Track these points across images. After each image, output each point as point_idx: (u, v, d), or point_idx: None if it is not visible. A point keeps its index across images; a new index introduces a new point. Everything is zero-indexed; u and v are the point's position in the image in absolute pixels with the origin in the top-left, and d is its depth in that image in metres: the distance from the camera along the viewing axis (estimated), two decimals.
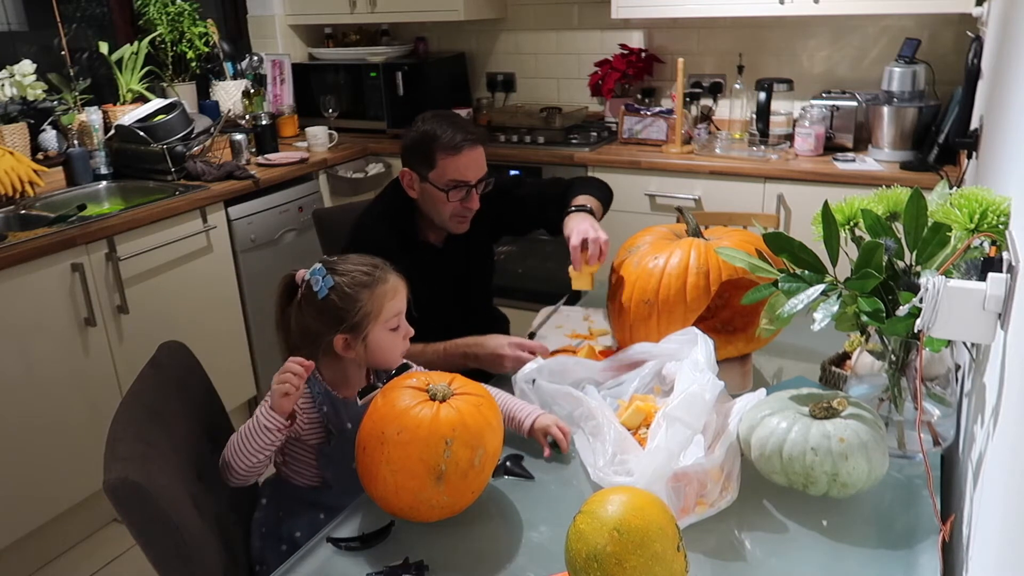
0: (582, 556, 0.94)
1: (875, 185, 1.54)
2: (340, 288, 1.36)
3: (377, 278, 1.39)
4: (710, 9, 2.96)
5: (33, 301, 2.28)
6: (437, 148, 1.77)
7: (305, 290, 1.40)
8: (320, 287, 1.36)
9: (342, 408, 1.40)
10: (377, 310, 1.37)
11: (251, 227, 2.96)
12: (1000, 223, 1.04)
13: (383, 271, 1.41)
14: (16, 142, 2.79)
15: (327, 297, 1.36)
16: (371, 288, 1.38)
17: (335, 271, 1.38)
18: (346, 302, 1.36)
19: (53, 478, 2.37)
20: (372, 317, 1.37)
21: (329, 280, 1.37)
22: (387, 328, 1.39)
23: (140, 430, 1.25)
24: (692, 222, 1.64)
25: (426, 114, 1.84)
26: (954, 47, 2.89)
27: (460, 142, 1.77)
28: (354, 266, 1.40)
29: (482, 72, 3.86)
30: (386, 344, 1.40)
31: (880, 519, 1.19)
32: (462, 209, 1.83)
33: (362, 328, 1.37)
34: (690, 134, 3.19)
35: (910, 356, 1.23)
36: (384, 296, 1.39)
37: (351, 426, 1.39)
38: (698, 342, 1.39)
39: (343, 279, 1.37)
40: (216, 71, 3.56)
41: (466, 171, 1.79)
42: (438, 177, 1.79)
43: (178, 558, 1.16)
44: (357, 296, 1.36)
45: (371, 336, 1.38)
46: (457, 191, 1.80)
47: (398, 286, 1.42)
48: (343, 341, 1.37)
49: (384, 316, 1.38)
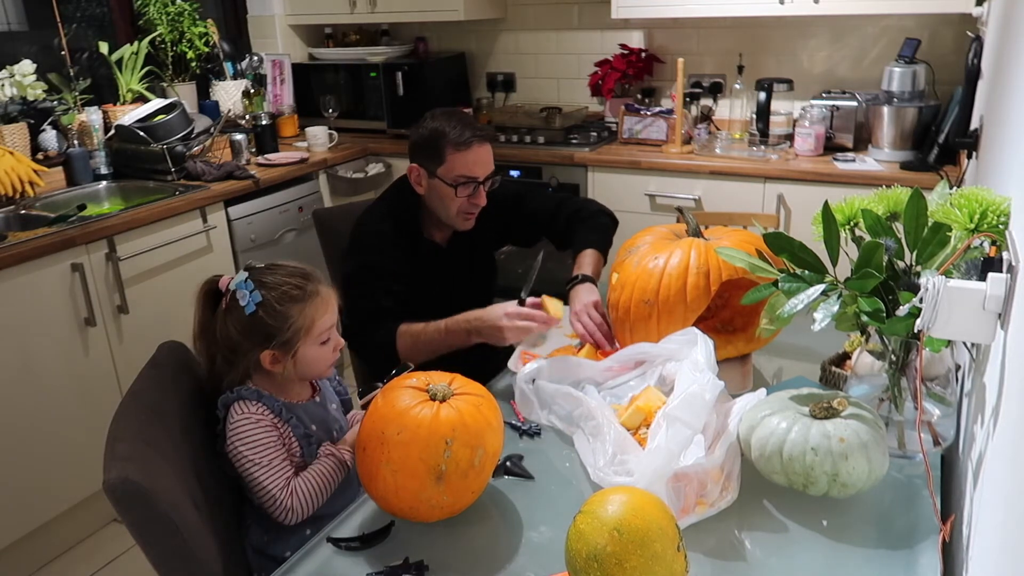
0: (582, 556, 0.94)
1: (875, 185, 1.53)
2: (269, 304, 1.30)
3: (309, 292, 1.33)
4: (710, 9, 2.96)
5: (33, 301, 2.28)
6: (446, 144, 1.78)
7: (230, 301, 1.33)
8: (247, 302, 1.30)
9: (302, 412, 1.39)
10: (308, 326, 1.33)
11: (251, 227, 2.97)
12: (1000, 223, 1.04)
13: (314, 283, 1.35)
14: (16, 142, 2.80)
15: (255, 313, 1.30)
16: (302, 303, 1.32)
17: (263, 284, 1.32)
18: (276, 319, 1.30)
19: (53, 478, 2.37)
20: (303, 333, 1.32)
21: (257, 295, 1.30)
22: (318, 343, 1.35)
23: (140, 430, 1.25)
24: (692, 222, 1.64)
25: (435, 111, 1.85)
26: (954, 47, 2.89)
27: (469, 138, 1.78)
28: (284, 278, 1.33)
29: (482, 72, 3.86)
30: (316, 358, 1.36)
31: (880, 519, 1.19)
32: (469, 205, 1.84)
33: (292, 345, 1.32)
34: (690, 134, 3.19)
35: (910, 356, 1.23)
36: (316, 311, 1.33)
37: (315, 427, 1.40)
38: (698, 342, 1.39)
39: (272, 294, 1.31)
40: (216, 71, 3.56)
41: (474, 167, 1.81)
42: (446, 172, 1.80)
43: (178, 558, 1.15)
44: (287, 312, 1.31)
45: (300, 352, 1.34)
46: (465, 187, 1.81)
47: (330, 299, 1.37)
48: (271, 357, 1.33)
49: (316, 331, 1.34)
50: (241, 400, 1.34)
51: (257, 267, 1.36)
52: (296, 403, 1.39)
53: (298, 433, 1.37)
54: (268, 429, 1.33)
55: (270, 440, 1.33)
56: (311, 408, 1.40)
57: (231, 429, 1.32)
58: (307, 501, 1.32)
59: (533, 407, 1.48)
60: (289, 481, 1.32)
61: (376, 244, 1.86)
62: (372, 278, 1.80)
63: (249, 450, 1.31)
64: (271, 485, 1.31)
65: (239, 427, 1.32)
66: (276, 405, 1.35)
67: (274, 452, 1.33)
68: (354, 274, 1.83)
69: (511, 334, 1.62)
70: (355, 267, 1.85)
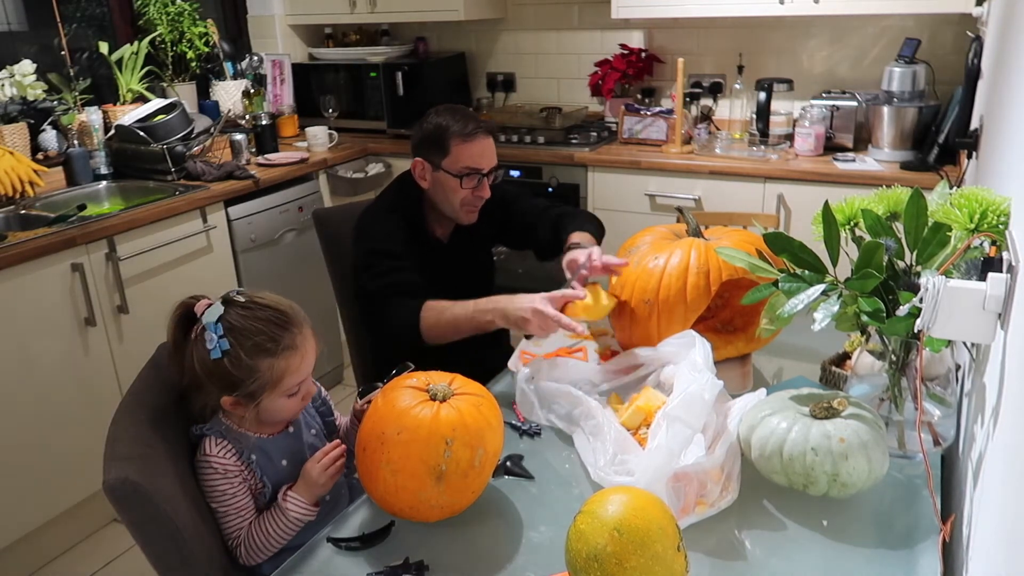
0: (582, 556, 0.94)
1: (875, 185, 1.53)
2: (236, 354, 1.21)
3: (283, 346, 1.23)
4: (710, 9, 2.96)
5: (33, 301, 2.28)
6: (451, 136, 1.80)
7: (199, 334, 1.24)
8: (214, 347, 1.20)
9: (270, 447, 1.33)
10: (276, 380, 1.24)
11: (251, 227, 2.97)
12: (1000, 223, 1.04)
13: (291, 334, 1.25)
14: (16, 142, 2.79)
15: (219, 360, 1.21)
16: (272, 357, 1.23)
17: (233, 329, 1.22)
18: (241, 370, 1.22)
19: (53, 478, 2.37)
20: (270, 387, 1.24)
21: (224, 343, 1.21)
22: (285, 395, 1.27)
23: (140, 430, 1.25)
24: (692, 222, 1.64)
25: (438, 107, 1.88)
26: (954, 47, 2.89)
27: (474, 129, 1.81)
28: (259, 324, 1.23)
29: (482, 72, 3.86)
30: (281, 409, 1.29)
31: (880, 519, 1.19)
32: (473, 198, 1.86)
33: (257, 396, 1.25)
34: (690, 134, 3.19)
35: (910, 356, 1.23)
36: (287, 366, 1.24)
37: (286, 463, 1.35)
38: (696, 344, 1.39)
39: (243, 343, 1.22)
40: (216, 71, 3.56)
41: (480, 159, 1.83)
42: (451, 164, 1.82)
43: (178, 558, 1.16)
44: (256, 366, 1.22)
45: (265, 403, 1.26)
46: (470, 179, 1.83)
47: (306, 350, 1.27)
48: (232, 402, 1.26)
49: (284, 386, 1.26)
50: (207, 438, 1.30)
51: (237, 301, 1.26)
52: (268, 437, 1.34)
53: (259, 476, 1.32)
54: (231, 473, 1.28)
55: (230, 485, 1.29)
56: (282, 441, 1.35)
57: (199, 469, 1.30)
58: (256, 553, 1.30)
59: (533, 407, 1.48)
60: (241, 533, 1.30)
61: (383, 230, 1.88)
62: (384, 259, 1.81)
63: (213, 499, 1.29)
64: (230, 529, 1.30)
65: (204, 470, 1.29)
66: (240, 446, 1.30)
67: (235, 497, 1.29)
68: (364, 258, 1.84)
69: (536, 329, 1.57)
70: (365, 252, 1.85)
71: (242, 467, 1.30)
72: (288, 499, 1.30)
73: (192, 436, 1.33)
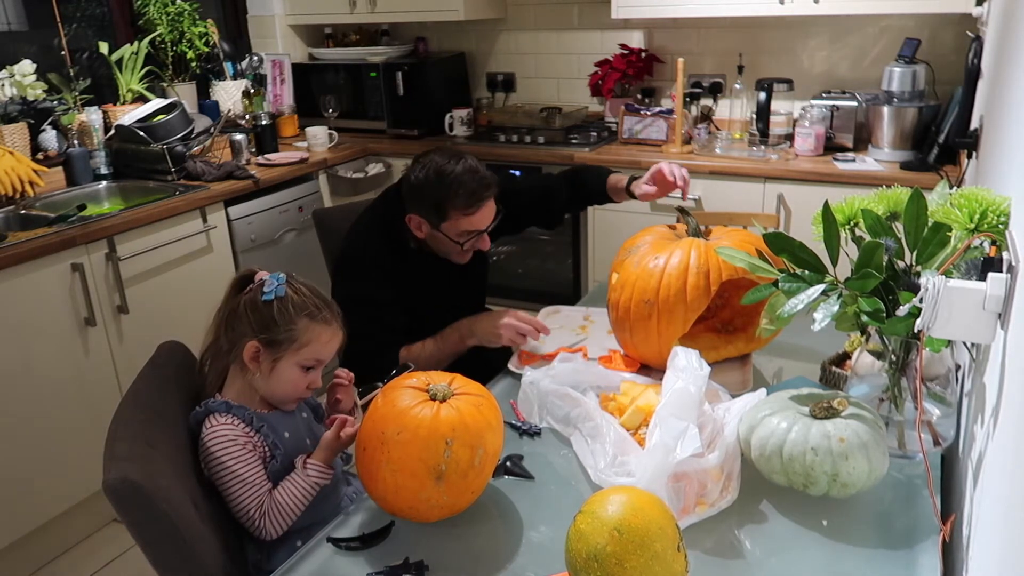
0: (582, 556, 0.94)
1: (875, 185, 1.53)
2: (285, 303, 1.34)
3: (322, 318, 1.36)
4: (710, 9, 2.96)
5: (33, 301, 2.28)
6: (451, 207, 1.73)
7: (256, 288, 1.37)
8: (270, 290, 1.34)
9: (273, 421, 1.37)
10: (303, 342, 1.34)
11: (251, 227, 2.97)
12: (1000, 223, 1.04)
13: (332, 315, 1.39)
14: (16, 142, 2.80)
15: (269, 302, 1.33)
16: (312, 320, 1.35)
17: (292, 286, 1.36)
18: (282, 317, 1.33)
19: (53, 478, 2.37)
20: (295, 346, 1.34)
21: (282, 290, 1.34)
22: (300, 365, 1.36)
23: (140, 430, 1.25)
24: (692, 222, 1.64)
25: (434, 157, 1.76)
26: (954, 47, 2.89)
27: (475, 201, 1.73)
28: (312, 296, 1.37)
29: (482, 72, 3.86)
30: (289, 380, 1.36)
31: (880, 519, 1.19)
32: (471, 248, 1.84)
33: (279, 349, 1.34)
34: (690, 134, 3.19)
35: (910, 356, 1.23)
36: (317, 336, 1.35)
37: (288, 435, 1.38)
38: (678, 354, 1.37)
39: (294, 297, 1.35)
40: (216, 71, 3.56)
41: (479, 223, 1.78)
42: (450, 228, 1.77)
43: (178, 558, 1.16)
44: (295, 319, 1.34)
45: (282, 363, 1.34)
46: (470, 240, 1.80)
47: (334, 339, 1.39)
48: (254, 350, 1.33)
49: (305, 352, 1.35)
50: (211, 414, 1.33)
51: (297, 277, 1.40)
52: (266, 412, 1.38)
53: (269, 442, 1.35)
54: (240, 442, 1.31)
55: (243, 454, 1.31)
56: (281, 417, 1.39)
57: (203, 446, 1.31)
58: (279, 521, 1.31)
59: (533, 407, 1.48)
60: (262, 502, 1.31)
61: (367, 272, 1.81)
62: (369, 311, 1.74)
63: (223, 468, 1.30)
64: (247, 502, 1.30)
65: (211, 444, 1.30)
66: (246, 415, 1.34)
67: (248, 467, 1.31)
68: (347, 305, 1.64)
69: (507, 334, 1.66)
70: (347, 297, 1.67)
71: (251, 435, 1.33)
72: (308, 465, 1.35)
73: (192, 422, 1.35)
